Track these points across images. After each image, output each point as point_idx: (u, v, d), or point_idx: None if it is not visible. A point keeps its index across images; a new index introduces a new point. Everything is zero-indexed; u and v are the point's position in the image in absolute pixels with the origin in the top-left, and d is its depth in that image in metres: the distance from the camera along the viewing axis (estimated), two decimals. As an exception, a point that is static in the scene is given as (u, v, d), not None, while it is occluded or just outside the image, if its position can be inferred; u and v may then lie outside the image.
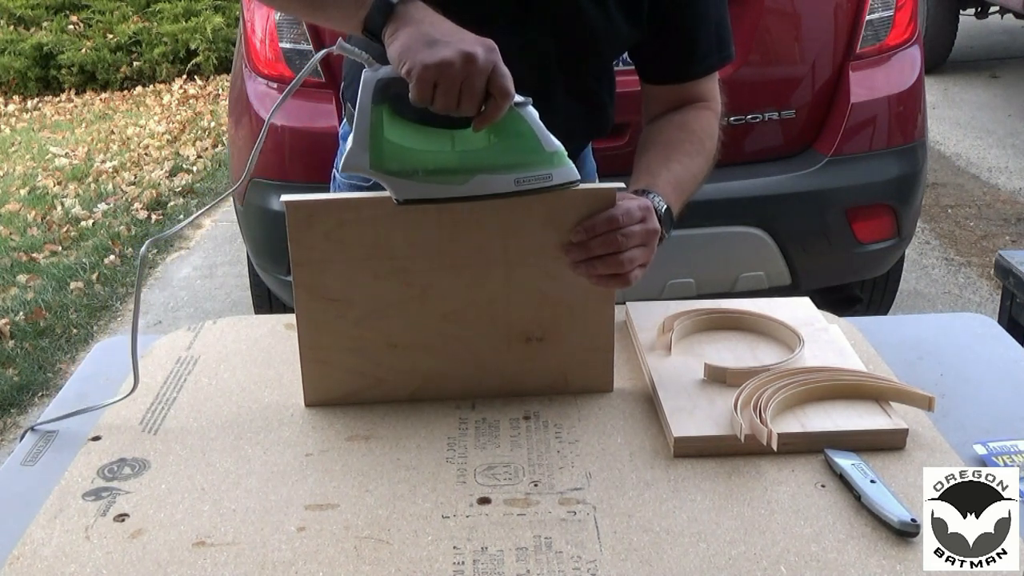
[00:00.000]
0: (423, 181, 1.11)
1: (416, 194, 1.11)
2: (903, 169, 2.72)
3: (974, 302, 3.59)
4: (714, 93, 1.43)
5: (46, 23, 7.75)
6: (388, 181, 1.11)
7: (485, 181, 1.11)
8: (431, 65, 1.01)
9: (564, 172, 1.12)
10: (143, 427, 1.20)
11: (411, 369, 1.23)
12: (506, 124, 1.08)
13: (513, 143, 1.10)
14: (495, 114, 1.06)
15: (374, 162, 1.09)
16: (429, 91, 1.03)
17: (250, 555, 0.97)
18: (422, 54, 1.02)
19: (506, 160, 1.11)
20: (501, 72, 1.04)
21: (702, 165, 1.35)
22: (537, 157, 1.11)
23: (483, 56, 1.02)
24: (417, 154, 1.11)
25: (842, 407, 1.15)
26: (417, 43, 1.03)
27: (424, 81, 1.02)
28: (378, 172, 1.10)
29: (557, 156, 1.11)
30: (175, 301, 3.89)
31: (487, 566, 0.94)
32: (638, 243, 1.15)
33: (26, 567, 0.96)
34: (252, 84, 2.70)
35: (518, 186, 1.11)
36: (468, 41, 1.03)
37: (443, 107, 1.04)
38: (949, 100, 6.25)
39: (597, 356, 1.24)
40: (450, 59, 1.01)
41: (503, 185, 1.11)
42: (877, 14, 2.68)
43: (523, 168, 1.11)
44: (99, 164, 5.59)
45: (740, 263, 2.66)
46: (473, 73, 1.02)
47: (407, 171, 1.10)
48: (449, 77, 1.02)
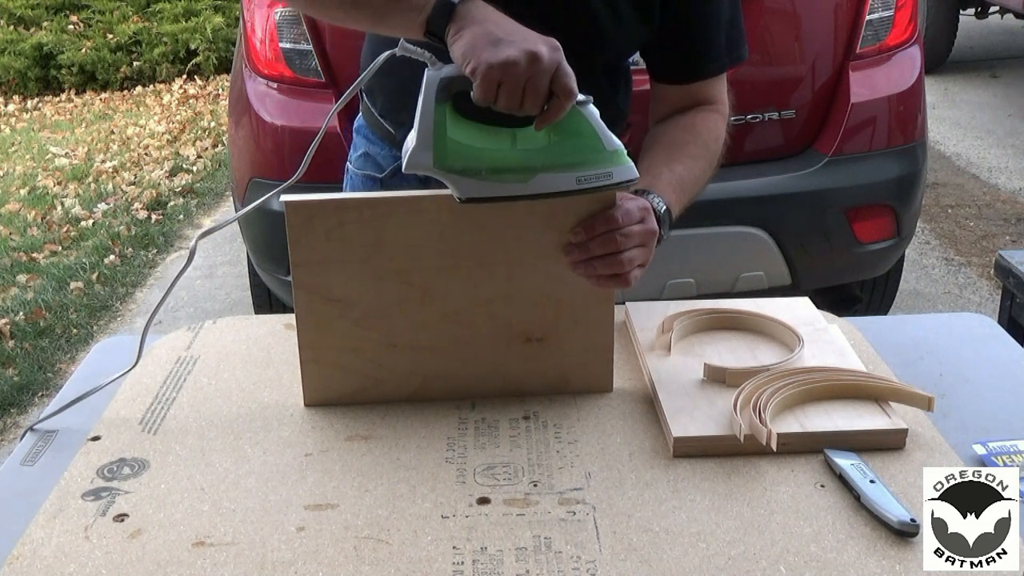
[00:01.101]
0: (486, 179, 1.10)
1: (479, 192, 1.11)
2: (903, 169, 2.72)
3: (974, 302, 3.59)
4: (723, 96, 1.42)
5: (46, 23, 7.75)
6: (451, 179, 1.10)
7: (547, 179, 1.10)
8: (496, 65, 1.01)
9: (624, 171, 1.12)
10: (143, 427, 1.20)
11: (411, 369, 1.23)
12: (567, 123, 1.08)
13: (574, 142, 1.10)
14: (558, 113, 1.06)
15: (438, 160, 1.09)
16: (493, 90, 1.03)
17: (249, 555, 0.97)
18: (487, 53, 1.02)
19: (567, 159, 1.10)
20: (565, 71, 1.03)
21: (705, 168, 1.35)
22: (598, 156, 1.10)
23: (548, 55, 1.02)
24: (480, 152, 1.10)
25: (842, 407, 1.15)
26: (482, 42, 1.03)
27: (489, 80, 1.02)
28: (441, 170, 1.10)
29: (617, 154, 1.11)
30: (175, 301, 3.88)
31: (486, 566, 0.94)
32: (637, 243, 1.15)
33: (26, 567, 0.96)
34: (252, 84, 2.70)
35: (579, 184, 1.11)
36: (532, 40, 1.03)
37: (506, 106, 1.04)
38: (949, 100, 6.25)
39: (597, 356, 1.24)
40: (515, 58, 1.01)
41: (565, 183, 1.11)
42: (877, 14, 2.68)
43: (584, 166, 1.10)
44: (99, 164, 5.60)
45: (740, 263, 2.66)
46: (537, 73, 1.02)
47: (470, 169, 1.10)
48: (514, 76, 1.01)
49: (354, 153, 1.58)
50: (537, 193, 1.11)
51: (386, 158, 1.50)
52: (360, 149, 1.56)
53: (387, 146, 1.50)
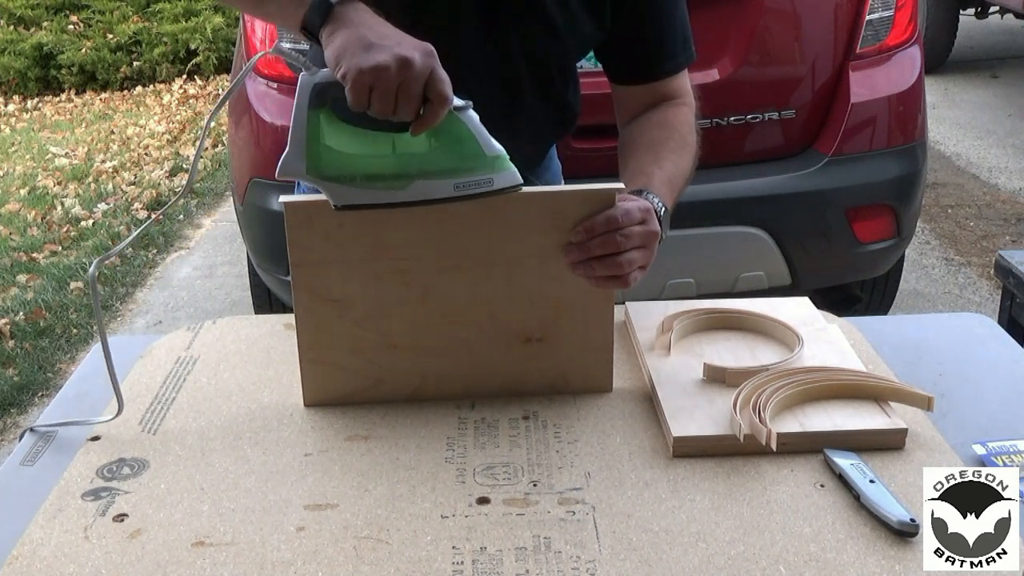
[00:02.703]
0: (361, 186, 1.09)
1: (354, 200, 1.10)
2: (903, 169, 2.72)
3: (974, 302, 3.59)
4: (686, 88, 1.43)
5: (46, 23, 7.75)
6: (325, 187, 1.10)
7: (424, 186, 1.09)
8: (366, 70, 1.00)
9: (506, 176, 1.10)
10: (142, 427, 1.20)
11: (410, 369, 1.23)
12: (446, 128, 1.07)
13: (453, 148, 1.09)
14: (432, 119, 1.04)
15: (310, 167, 1.08)
16: (365, 96, 1.01)
17: (249, 555, 0.97)
18: (357, 58, 1.00)
19: (446, 165, 1.09)
20: (439, 77, 1.02)
21: (689, 161, 1.36)
22: (478, 162, 1.09)
23: (420, 60, 1.01)
24: (355, 159, 1.10)
25: (841, 407, 1.15)
26: (353, 46, 1.02)
27: (360, 86, 1.00)
28: (315, 178, 1.09)
29: (499, 160, 1.10)
30: (175, 301, 3.89)
31: (486, 566, 0.94)
32: (638, 244, 1.15)
33: (25, 567, 0.96)
34: (252, 84, 2.70)
35: (458, 191, 1.09)
36: (405, 45, 1.02)
37: (380, 112, 1.03)
38: (949, 100, 6.25)
39: (596, 356, 1.24)
40: (385, 63, 0.99)
41: (443, 190, 1.09)
42: (877, 14, 2.68)
43: (463, 173, 1.09)
44: (99, 164, 5.60)
45: (740, 263, 2.66)
46: (410, 78, 1.00)
47: (345, 176, 1.09)
48: (385, 82, 1.00)
49: None
50: (414, 200, 1.10)
51: None
52: None
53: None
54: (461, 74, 1.05)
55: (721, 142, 2.61)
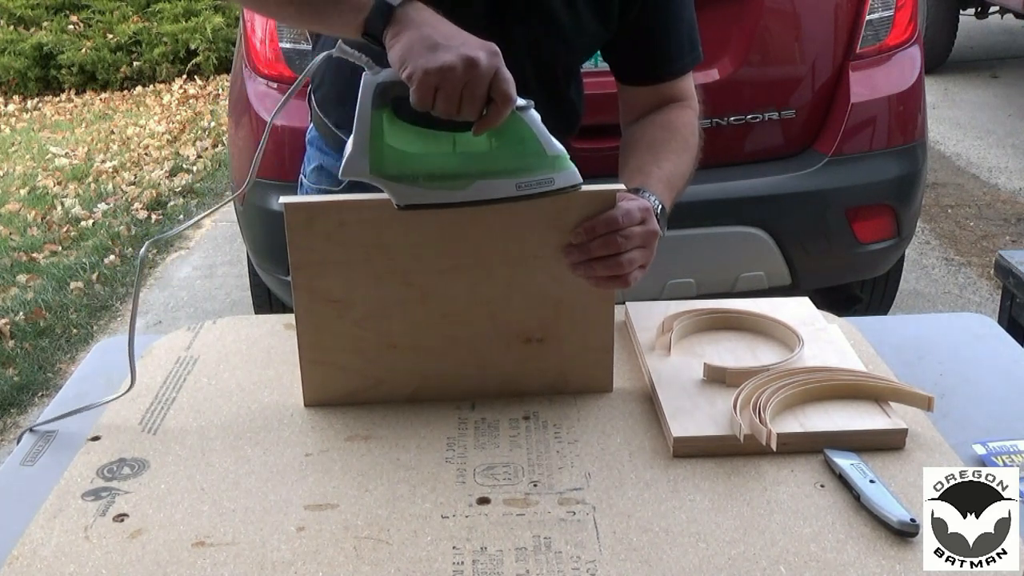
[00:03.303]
0: (424, 186, 1.10)
1: (417, 199, 1.10)
2: (903, 169, 2.72)
3: (974, 302, 3.58)
4: (691, 91, 1.43)
5: (46, 23, 7.74)
6: (388, 186, 1.10)
7: (486, 186, 1.10)
8: (433, 70, 1.00)
9: (566, 176, 1.11)
10: (142, 427, 1.20)
11: (411, 370, 1.23)
12: (508, 128, 1.07)
13: (515, 147, 1.09)
14: (496, 119, 1.05)
15: (374, 167, 1.08)
16: (430, 96, 1.02)
17: (249, 555, 0.97)
18: (424, 58, 1.01)
19: (508, 164, 1.10)
20: (503, 77, 1.03)
21: (689, 163, 1.36)
22: (539, 161, 1.10)
23: (486, 60, 1.01)
24: (418, 159, 1.10)
25: (841, 407, 1.15)
26: (419, 47, 1.02)
27: (425, 86, 1.01)
28: (378, 177, 1.09)
29: (559, 160, 1.10)
30: (175, 301, 3.89)
31: (486, 566, 0.94)
32: (638, 245, 1.15)
33: (25, 567, 0.96)
34: (252, 84, 2.70)
35: (519, 191, 1.10)
36: (471, 45, 1.02)
37: (444, 112, 1.03)
38: (949, 100, 6.25)
39: (597, 356, 1.24)
40: (452, 63, 1.00)
41: (504, 190, 1.10)
42: (877, 14, 2.68)
43: (525, 172, 1.10)
44: (99, 164, 5.60)
45: (740, 263, 2.66)
46: (475, 78, 1.01)
47: (408, 176, 1.10)
48: (451, 82, 1.00)
49: (308, 166, 1.56)
50: (476, 200, 1.10)
51: None
52: (314, 162, 1.54)
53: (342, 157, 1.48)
54: None
55: (721, 142, 2.60)
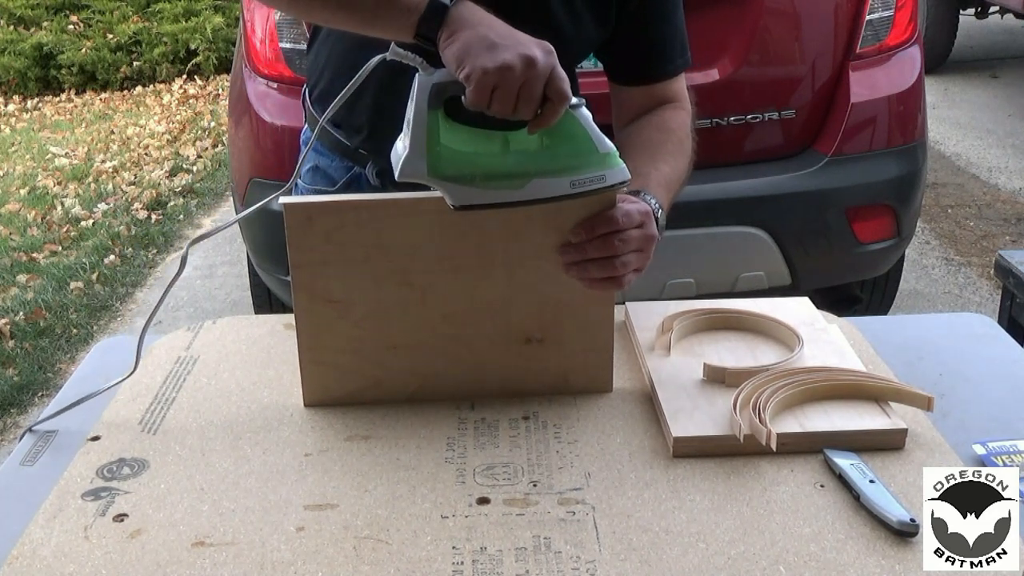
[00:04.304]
0: (480, 186, 1.09)
1: (474, 199, 1.09)
2: (903, 169, 2.72)
3: (974, 302, 3.58)
4: (684, 92, 1.43)
5: (46, 23, 7.74)
6: (446, 187, 1.09)
7: (541, 184, 1.09)
8: (492, 70, 1.00)
9: (617, 173, 1.11)
10: (142, 427, 1.20)
11: (411, 370, 1.23)
12: (561, 126, 1.07)
13: (568, 145, 1.09)
14: (552, 118, 1.05)
15: (432, 168, 1.08)
16: (487, 95, 1.01)
17: (249, 555, 0.97)
18: (482, 58, 1.01)
19: (561, 163, 1.10)
20: (559, 75, 1.03)
21: (685, 165, 1.36)
22: (591, 159, 1.10)
23: (543, 59, 1.01)
24: (473, 158, 1.09)
25: (841, 407, 1.15)
26: (477, 46, 1.02)
27: (484, 85, 1.01)
28: (436, 178, 1.08)
29: (610, 157, 1.10)
30: (175, 301, 3.88)
31: (486, 566, 0.94)
32: (635, 248, 1.15)
33: (25, 567, 0.96)
34: (252, 84, 2.70)
35: (573, 188, 1.10)
36: (527, 44, 1.02)
37: (500, 111, 1.03)
38: (949, 100, 6.25)
39: (597, 356, 1.24)
40: (511, 63, 1.00)
41: (559, 188, 1.10)
42: (877, 14, 2.68)
43: (578, 170, 1.09)
44: (99, 164, 5.60)
45: (740, 263, 2.66)
46: (533, 77, 1.01)
47: (465, 176, 1.09)
48: (509, 81, 1.00)
49: (303, 167, 1.55)
50: (532, 199, 1.10)
51: (338, 170, 1.48)
52: (309, 163, 1.53)
53: (338, 157, 1.47)
54: None
55: (721, 142, 2.60)
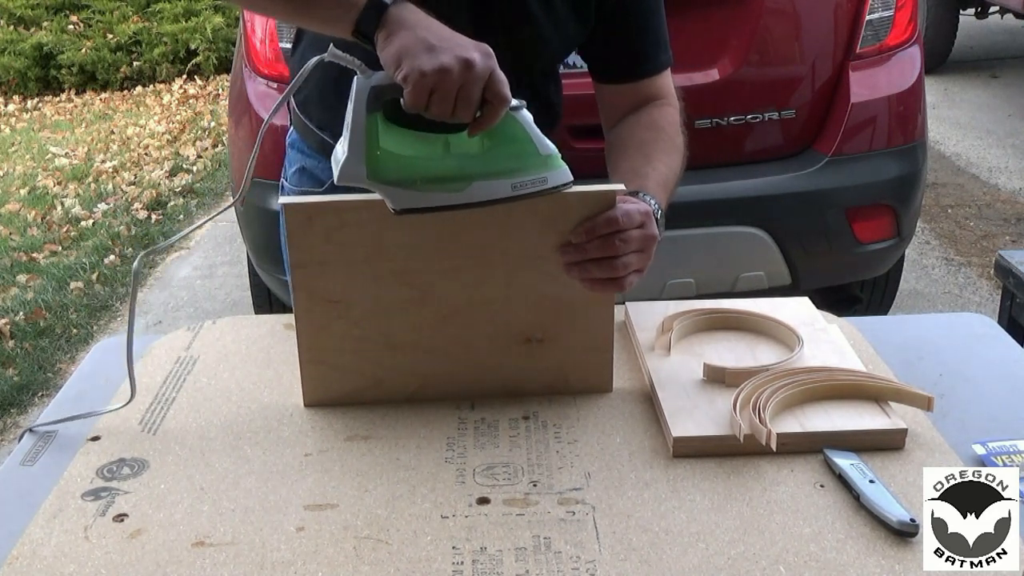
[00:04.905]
0: (421, 190, 1.09)
1: (415, 203, 1.09)
2: (903, 169, 2.71)
3: (974, 302, 3.58)
4: (670, 89, 1.43)
5: (46, 23, 7.75)
6: (385, 191, 1.09)
7: (483, 187, 1.09)
8: (429, 72, 0.99)
9: (559, 175, 1.11)
10: (142, 427, 1.20)
11: (410, 370, 1.23)
12: (502, 129, 1.07)
13: (509, 148, 1.09)
14: (491, 120, 1.05)
15: (371, 172, 1.07)
16: (425, 98, 1.01)
17: (249, 555, 0.97)
18: (419, 60, 1.00)
19: (502, 165, 1.09)
20: (498, 78, 1.02)
21: (678, 162, 1.36)
22: (533, 161, 1.09)
23: (481, 62, 1.01)
24: (414, 162, 1.09)
25: (841, 407, 1.15)
26: (414, 48, 1.01)
27: (421, 88, 1.00)
28: (375, 182, 1.08)
29: (552, 159, 1.10)
30: (175, 301, 3.89)
31: (486, 566, 0.94)
32: (635, 249, 1.15)
33: (25, 567, 0.96)
34: (252, 84, 2.70)
35: (515, 191, 1.10)
36: (466, 46, 1.02)
37: (439, 114, 1.02)
38: (949, 100, 6.25)
39: (596, 356, 1.24)
40: (448, 65, 0.99)
41: (501, 191, 1.10)
42: (877, 14, 2.68)
43: (520, 173, 1.09)
44: (99, 164, 5.60)
45: (740, 263, 2.66)
46: (471, 80, 1.00)
47: (405, 180, 1.09)
48: (447, 84, 1.00)
49: (289, 169, 1.55)
50: (473, 202, 1.10)
51: (324, 171, 1.47)
52: (295, 164, 1.53)
53: (325, 159, 1.47)
54: None
55: (721, 142, 2.60)
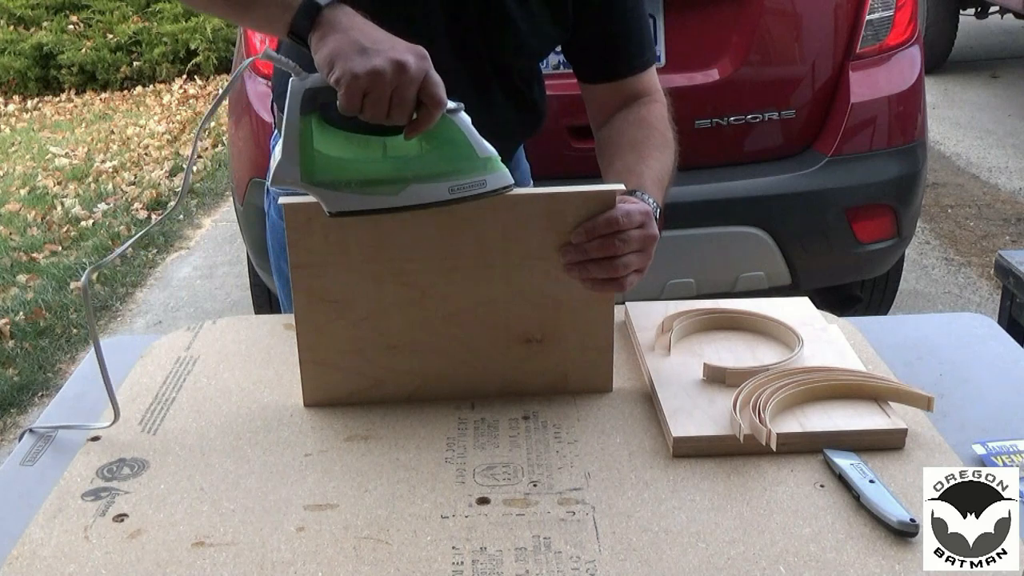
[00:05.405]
0: (356, 192, 1.09)
1: (348, 206, 1.09)
2: (903, 169, 2.72)
3: (974, 302, 3.58)
4: (656, 85, 1.43)
5: (46, 23, 7.75)
6: (319, 193, 1.09)
7: (419, 190, 1.09)
8: (361, 74, 0.99)
9: (498, 178, 1.10)
10: (142, 427, 1.20)
11: (410, 370, 1.23)
12: (439, 131, 1.06)
13: (446, 150, 1.09)
14: (427, 123, 1.04)
15: (304, 174, 1.07)
16: (358, 100, 1.01)
17: (249, 555, 0.97)
18: (352, 62, 1.00)
19: (439, 168, 1.09)
20: (433, 80, 1.02)
21: (671, 158, 1.36)
22: (470, 164, 1.09)
23: (415, 64, 1.00)
24: (348, 164, 1.09)
25: (841, 407, 1.15)
26: (347, 50, 1.01)
27: (354, 90, 1.00)
28: (308, 184, 1.08)
29: (491, 162, 1.10)
30: (175, 301, 3.89)
31: (486, 566, 0.94)
32: (635, 249, 1.15)
33: (25, 567, 0.96)
34: (252, 84, 2.70)
35: (452, 194, 1.09)
36: (399, 49, 1.01)
37: (373, 117, 1.02)
38: (949, 100, 6.25)
39: (597, 356, 1.24)
40: (381, 68, 0.99)
41: (437, 194, 1.09)
42: (877, 14, 2.68)
43: (457, 175, 1.09)
44: (99, 164, 5.60)
45: (740, 263, 2.66)
46: (404, 82, 1.00)
47: (339, 182, 1.08)
48: (379, 86, 0.99)
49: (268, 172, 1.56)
50: (409, 205, 1.09)
51: None
52: None
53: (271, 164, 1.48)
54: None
55: (721, 142, 2.60)
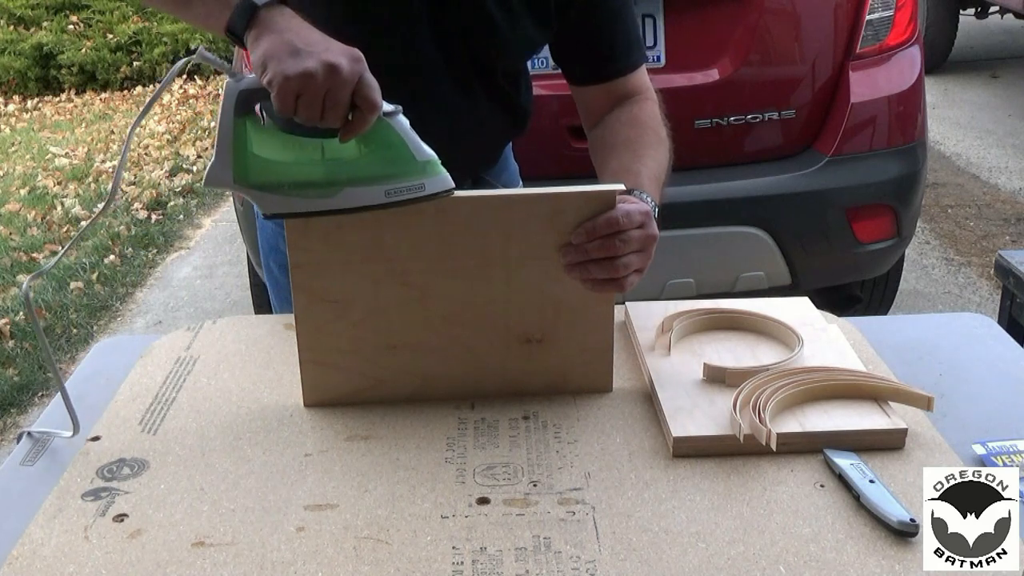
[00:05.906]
0: (290, 195, 1.08)
1: (283, 208, 1.09)
2: (903, 169, 2.72)
3: (974, 302, 3.59)
4: (646, 84, 1.43)
5: (46, 23, 7.75)
6: (253, 195, 1.09)
7: (354, 193, 1.09)
8: (293, 76, 0.98)
9: (437, 181, 1.10)
10: (142, 427, 1.20)
11: (410, 370, 1.23)
12: (376, 134, 1.06)
13: (383, 154, 1.08)
14: (361, 126, 1.04)
15: (237, 176, 1.07)
16: (291, 102, 1.00)
17: (249, 555, 0.97)
18: (284, 64, 0.99)
19: (376, 171, 1.09)
20: (367, 83, 1.01)
21: (666, 155, 1.36)
22: (408, 167, 1.08)
23: (347, 67, 1.00)
24: (283, 167, 1.08)
25: (841, 407, 1.15)
26: (279, 52, 1.00)
27: (286, 92, 0.99)
28: (242, 187, 1.08)
29: (430, 165, 1.09)
30: (175, 301, 3.89)
31: (486, 566, 0.94)
32: (636, 249, 1.15)
33: (25, 567, 0.96)
34: (252, 84, 2.70)
35: (388, 197, 1.09)
36: (333, 51, 1.00)
37: (306, 119, 1.01)
38: (949, 100, 6.25)
39: (596, 356, 1.24)
40: (312, 70, 0.98)
41: (374, 197, 1.09)
42: (877, 14, 2.68)
43: (394, 179, 1.09)
44: (99, 164, 5.60)
45: (740, 263, 2.67)
46: (337, 85, 0.99)
47: (272, 185, 1.08)
48: (311, 88, 0.99)
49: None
50: (344, 208, 1.09)
51: None
52: None
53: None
54: (411, 75, 1.02)
55: (721, 142, 2.61)
